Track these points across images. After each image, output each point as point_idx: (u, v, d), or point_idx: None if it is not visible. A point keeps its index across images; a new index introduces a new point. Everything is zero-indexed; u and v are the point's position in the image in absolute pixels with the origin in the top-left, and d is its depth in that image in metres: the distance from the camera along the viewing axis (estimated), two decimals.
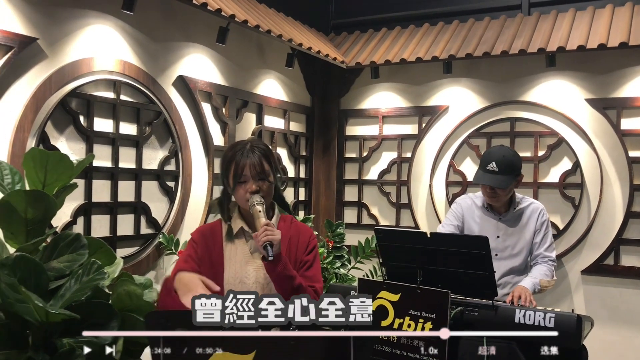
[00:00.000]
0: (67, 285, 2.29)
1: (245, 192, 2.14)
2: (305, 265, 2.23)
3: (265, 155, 2.18)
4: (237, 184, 2.16)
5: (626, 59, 4.44)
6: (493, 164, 3.14)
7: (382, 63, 4.92)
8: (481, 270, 2.66)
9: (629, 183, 4.44)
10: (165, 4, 3.77)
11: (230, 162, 2.17)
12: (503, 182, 3.14)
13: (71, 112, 3.22)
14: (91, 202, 3.33)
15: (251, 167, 2.13)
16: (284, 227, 2.24)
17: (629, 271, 4.44)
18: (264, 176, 2.16)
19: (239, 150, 2.17)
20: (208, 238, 2.24)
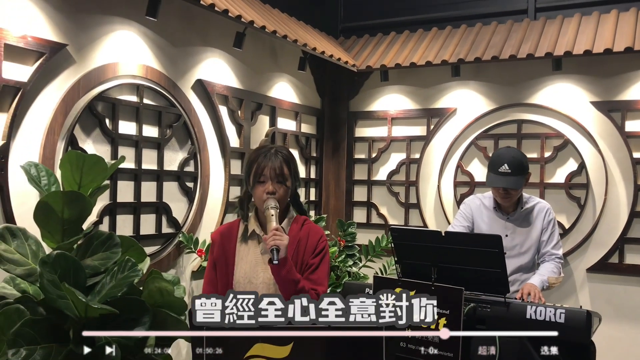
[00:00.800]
0: (103, 282, 2.41)
1: (262, 192, 2.26)
2: (311, 268, 2.31)
3: (287, 160, 2.30)
4: (256, 183, 2.28)
5: (631, 63, 4.56)
6: (505, 166, 3.24)
7: (392, 66, 5.04)
8: (494, 267, 2.76)
9: (633, 183, 4.56)
10: (184, 10, 3.88)
11: (253, 162, 2.30)
12: (517, 183, 3.25)
13: (98, 115, 3.34)
14: (116, 202, 3.45)
15: (271, 169, 2.26)
16: (295, 228, 2.34)
17: (633, 269, 4.55)
18: (282, 179, 2.28)
19: (263, 152, 2.31)
20: (225, 238, 2.36)
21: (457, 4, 5.48)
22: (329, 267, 2.42)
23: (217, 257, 2.33)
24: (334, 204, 5.63)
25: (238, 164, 4.45)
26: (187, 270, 3.99)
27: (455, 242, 2.88)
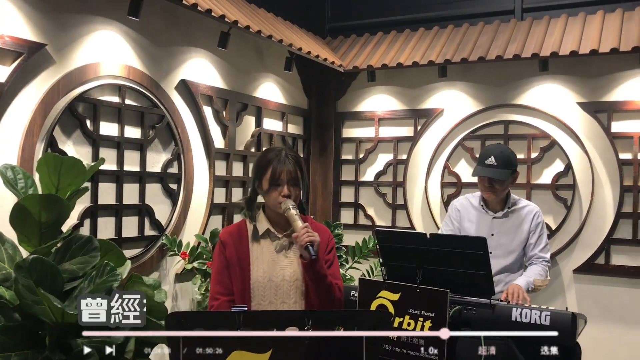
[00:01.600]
0: (81, 286, 2.37)
1: (278, 196, 2.29)
2: (327, 264, 2.38)
3: (299, 162, 2.35)
4: (272, 187, 2.30)
5: (616, 64, 4.56)
6: (492, 158, 3.25)
7: (379, 67, 5.02)
8: (479, 269, 2.74)
9: (619, 184, 4.56)
10: (168, 10, 3.84)
11: (267, 166, 2.31)
12: (501, 175, 3.24)
13: (78, 116, 3.29)
14: (97, 205, 3.40)
15: (287, 173, 2.29)
16: None
17: (619, 270, 4.56)
18: (297, 182, 2.32)
19: (276, 156, 2.32)
20: (236, 238, 2.36)
21: (444, 4, 5.47)
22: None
23: (231, 258, 2.33)
24: (321, 204, 5.60)
25: (223, 165, 4.41)
26: (171, 273, 3.95)
27: (440, 244, 2.85)
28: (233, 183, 4.50)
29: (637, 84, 4.54)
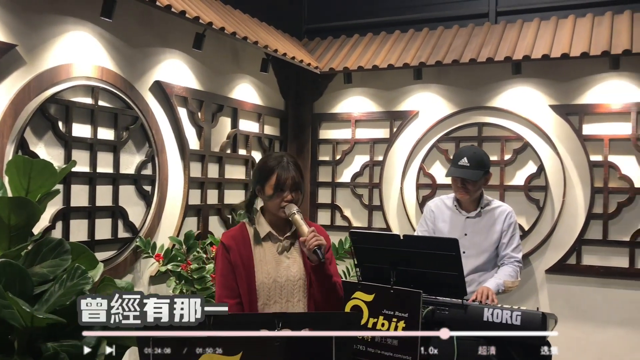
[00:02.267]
0: (52, 290, 2.34)
1: (281, 201, 2.35)
2: (326, 263, 2.44)
3: (299, 168, 2.43)
4: (276, 192, 2.36)
5: (587, 67, 4.65)
6: (465, 159, 3.31)
7: (355, 69, 5.04)
8: (451, 270, 2.78)
9: (590, 186, 4.65)
10: (142, 11, 3.81)
11: (271, 173, 2.37)
12: (473, 175, 3.29)
13: (50, 117, 3.25)
14: (70, 207, 3.36)
15: (291, 180, 2.36)
16: None
17: (590, 270, 4.64)
18: (299, 187, 2.40)
19: (278, 163, 2.39)
20: (239, 242, 2.41)
21: (420, 7, 5.51)
22: None
23: (235, 262, 2.36)
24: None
25: (198, 167, 4.39)
26: (145, 276, 3.92)
27: (413, 246, 2.89)
28: (208, 185, 4.49)
29: (607, 88, 4.62)
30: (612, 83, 4.61)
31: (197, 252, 3.90)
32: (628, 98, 4.55)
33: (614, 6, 4.75)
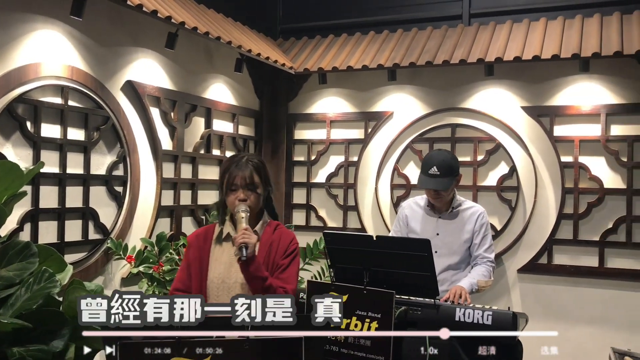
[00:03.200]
0: (18, 294, 2.30)
1: (235, 199, 2.38)
2: (281, 268, 2.45)
3: (257, 168, 2.43)
4: (228, 191, 2.41)
5: (558, 69, 4.72)
6: (434, 168, 3.32)
7: (329, 70, 5.04)
8: (424, 271, 2.80)
9: (561, 186, 4.72)
10: (113, 10, 3.76)
11: (226, 171, 2.43)
12: (446, 185, 3.32)
13: (18, 117, 3.19)
14: (38, 209, 3.30)
15: (242, 178, 2.38)
16: (268, 231, 2.49)
17: (561, 269, 4.71)
18: (252, 187, 2.39)
19: (235, 162, 2.44)
20: (201, 240, 2.48)
21: (394, 8, 5.54)
22: (298, 268, 2.58)
23: (193, 258, 2.43)
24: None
25: (171, 167, 4.35)
26: (117, 277, 3.87)
27: (386, 247, 2.90)
28: (181, 185, 4.45)
29: (578, 90, 4.70)
30: (582, 85, 4.68)
31: (170, 253, 3.87)
32: (597, 100, 4.63)
33: (584, 9, 4.83)
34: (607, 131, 4.60)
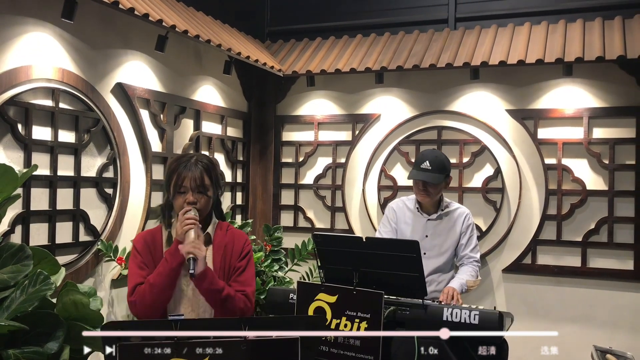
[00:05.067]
0: (13, 296, 2.31)
1: (183, 202, 2.27)
2: (238, 271, 2.36)
3: (207, 169, 2.30)
4: (176, 193, 2.28)
5: (542, 73, 4.81)
6: (427, 162, 3.40)
7: (318, 72, 5.09)
8: (412, 271, 2.85)
9: (544, 188, 4.81)
10: (103, 12, 3.77)
11: (173, 172, 2.29)
12: (435, 179, 3.39)
13: (9, 120, 3.19)
14: (29, 211, 3.31)
15: (191, 180, 2.26)
16: (220, 234, 2.38)
17: (544, 269, 4.81)
18: (203, 190, 2.29)
19: (183, 162, 2.29)
20: (150, 244, 2.34)
21: (381, 12, 5.60)
22: (254, 269, 2.48)
23: (147, 263, 2.31)
24: (261, 207, 5.62)
25: (160, 169, 4.37)
26: (107, 279, 3.88)
27: (375, 248, 2.94)
28: None
29: (561, 93, 4.80)
30: (565, 89, 4.78)
31: None
32: (580, 104, 4.73)
33: (567, 15, 4.93)
34: (590, 134, 4.70)
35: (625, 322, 4.59)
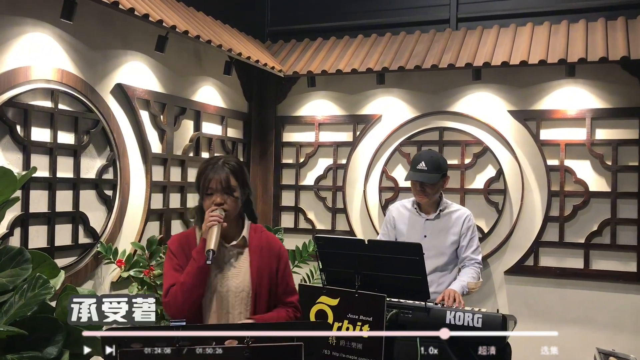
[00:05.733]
0: (12, 300, 2.29)
1: (210, 203, 2.31)
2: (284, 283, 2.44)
3: (234, 171, 2.34)
4: (205, 195, 2.34)
5: (545, 74, 4.78)
6: (422, 163, 3.39)
7: (319, 73, 5.06)
8: (415, 274, 2.83)
9: (547, 189, 4.78)
10: (103, 12, 3.74)
11: (202, 175, 2.35)
12: (431, 179, 3.37)
13: (7, 121, 3.17)
14: (28, 213, 3.28)
15: (217, 182, 2.30)
16: (255, 237, 2.43)
17: (547, 271, 4.78)
18: (229, 191, 2.32)
19: (211, 165, 2.36)
20: (184, 246, 2.38)
21: (382, 12, 5.57)
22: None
23: (182, 265, 2.34)
24: (262, 208, 5.59)
25: (160, 171, 4.34)
26: (106, 282, 3.85)
27: (377, 250, 2.93)
28: (171, 189, 4.44)
29: (564, 94, 4.77)
30: (568, 90, 4.76)
31: (160, 257, 3.86)
32: (583, 104, 4.71)
33: (569, 15, 4.90)
34: (593, 135, 4.67)
35: (627, 324, 4.56)
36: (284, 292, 2.41)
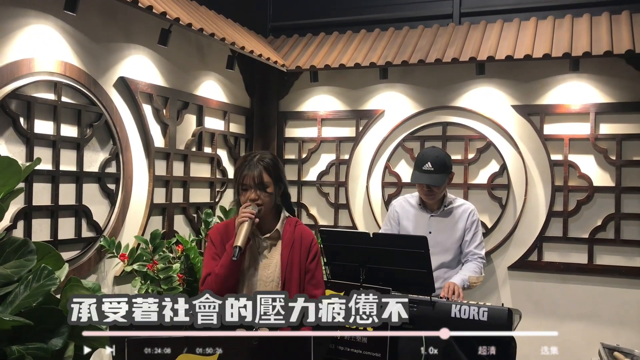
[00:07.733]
0: (17, 291, 2.28)
1: (246, 199, 2.44)
2: (310, 273, 2.51)
3: (267, 167, 2.46)
4: (241, 191, 2.47)
5: (549, 69, 4.77)
6: (428, 164, 3.36)
7: (322, 67, 5.04)
8: (420, 268, 2.82)
9: (550, 184, 4.77)
10: (106, 5, 3.73)
11: (238, 171, 2.50)
12: (439, 180, 3.36)
13: (11, 113, 3.15)
14: (32, 206, 3.26)
15: (251, 178, 2.43)
16: (289, 231, 2.53)
17: (550, 266, 4.77)
18: (262, 187, 2.43)
19: (247, 161, 2.48)
20: (223, 235, 2.50)
21: (385, 7, 5.55)
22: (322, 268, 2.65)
23: (220, 254, 2.46)
24: None
25: (163, 165, 4.33)
26: (110, 276, 3.84)
27: (382, 243, 2.92)
28: (174, 183, 4.42)
29: (568, 89, 4.75)
30: (572, 84, 4.74)
31: (163, 251, 3.85)
32: (587, 99, 4.69)
33: (573, 9, 4.89)
34: (597, 130, 4.66)
35: (632, 319, 4.55)
36: (308, 283, 2.49)
